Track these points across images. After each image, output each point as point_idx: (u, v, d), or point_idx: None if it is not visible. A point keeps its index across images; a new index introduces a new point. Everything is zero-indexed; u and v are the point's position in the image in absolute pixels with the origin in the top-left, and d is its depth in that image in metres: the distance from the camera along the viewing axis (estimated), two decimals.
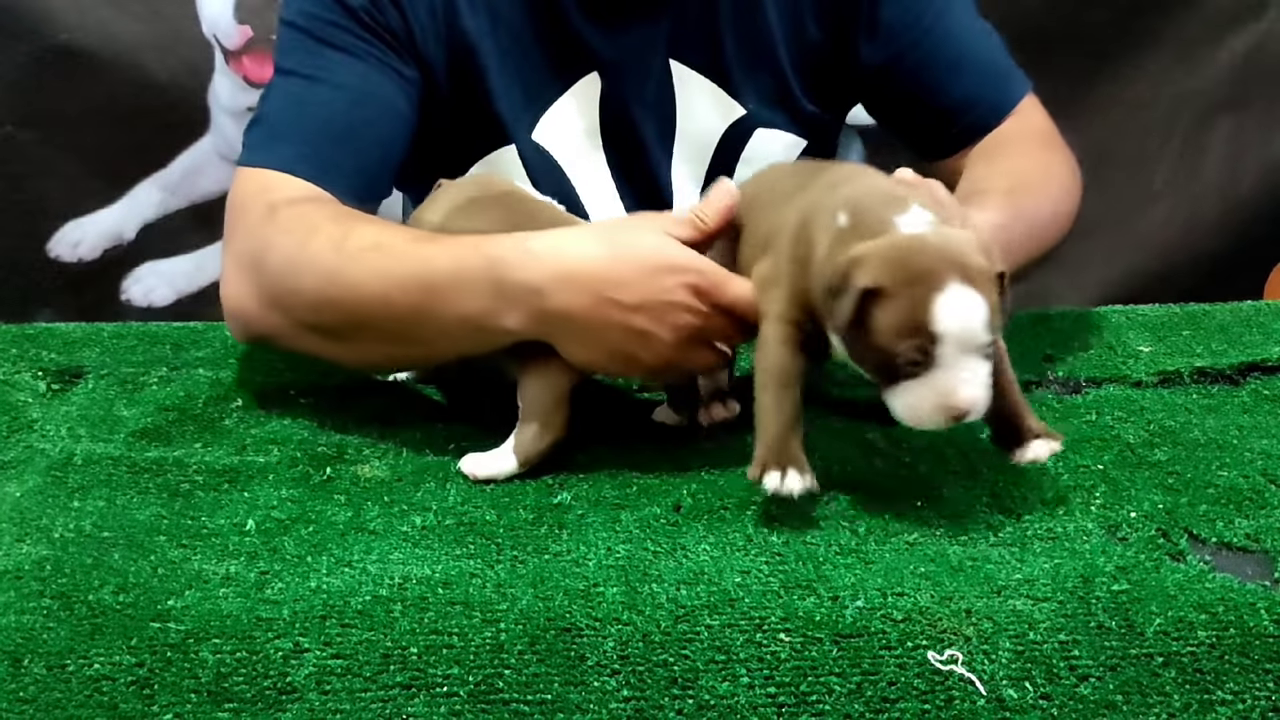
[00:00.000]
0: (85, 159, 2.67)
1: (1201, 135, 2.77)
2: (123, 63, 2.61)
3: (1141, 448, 1.30)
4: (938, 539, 1.13)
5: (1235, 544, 1.13)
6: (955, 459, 1.28)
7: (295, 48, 1.50)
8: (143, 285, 2.76)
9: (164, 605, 1.03)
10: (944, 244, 1.07)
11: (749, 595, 1.04)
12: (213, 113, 2.68)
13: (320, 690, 0.93)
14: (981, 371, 1.07)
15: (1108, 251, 2.79)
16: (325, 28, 1.49)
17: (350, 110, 1.46)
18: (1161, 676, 0.95)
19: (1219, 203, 2.79)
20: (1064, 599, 1.03)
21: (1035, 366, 1.49)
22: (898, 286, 1.05)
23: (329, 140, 1.44)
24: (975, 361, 1.07)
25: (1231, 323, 1.61)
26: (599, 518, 1.16)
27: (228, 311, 1.40)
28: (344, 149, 1.44)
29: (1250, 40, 2.73)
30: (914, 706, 0.92)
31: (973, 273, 1.05)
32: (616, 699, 0.93)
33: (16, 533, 1.15)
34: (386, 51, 1.49)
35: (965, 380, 1.06)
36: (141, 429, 1.36)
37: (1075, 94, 2.72)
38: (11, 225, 2.67)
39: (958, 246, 1.07)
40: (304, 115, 1.46)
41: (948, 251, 1.06)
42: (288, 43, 1.51)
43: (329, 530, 1.15)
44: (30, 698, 0.93)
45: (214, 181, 2.72)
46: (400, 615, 1.01)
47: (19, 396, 1.43)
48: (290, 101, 1.48)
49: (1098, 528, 1.15)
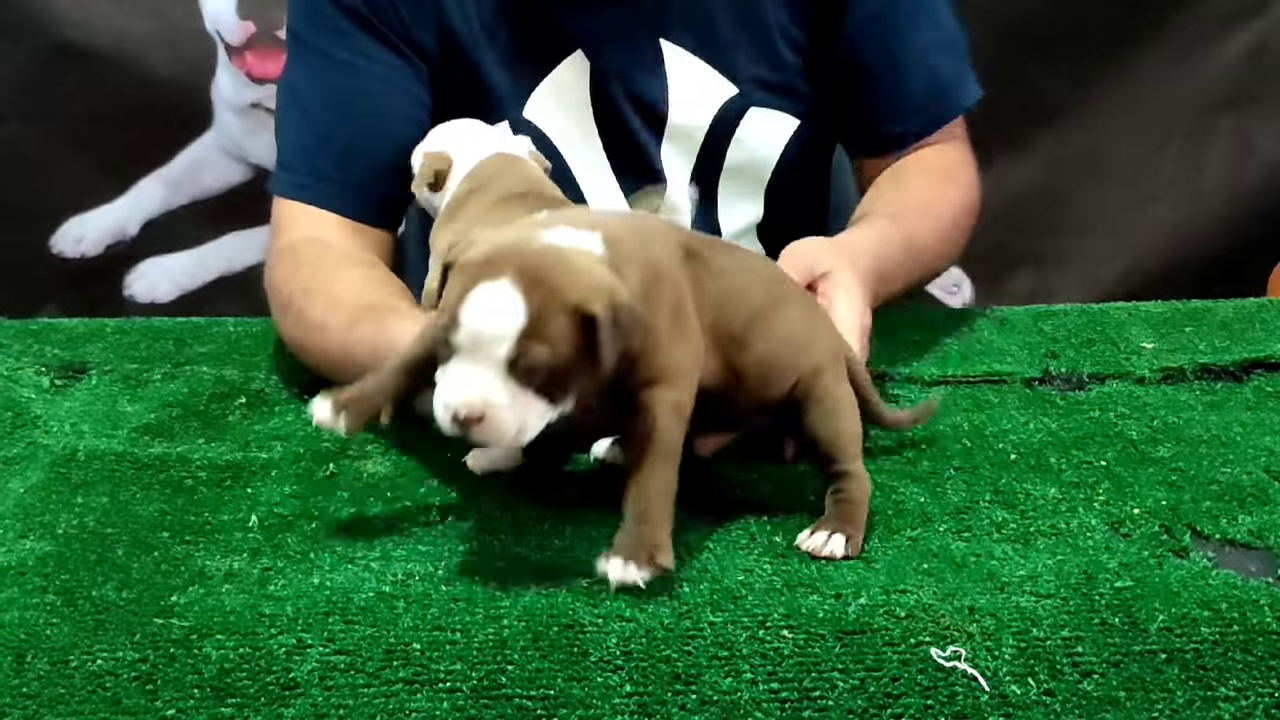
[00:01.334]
0: (89, 155, 2.67)
1: (1204, 132, 2.77)
2: (126, 59, 2.61)
3: (1144, 444, 1.30)
4: (940, 536, 1.13)
5: (1238, 540, 1.13)
6: (958, 455, 1.28)
7: (298, 62, 1.57)
8: (146, 281, 2.76)
9: (167, 601, 1.03)
10: (541, 256, 1.00)
11: (752, 593, 1.04)
12: (215, 108, 2.68)
13: (323, 686, 0.93)
14: (487, 383, 0.98)
15: (1111, 248, 2.79)
16: (326, 35, 1.54)
17: (353, 123, 1.53)
18: (1165, 673, 0.95)
19: (1221, 200, 2.79)
20: (1067, 595, 1.03)
21: (1038, 363, 1.49)
22: (466, 268, 1.00)
23: (330, 160, 1.52)
24: (486, 368, 0.98)
25: (1234, 319, 1.61)
26: (601, 515, 1.16)
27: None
28: (348, 164, 1.52)
29: (1252, 38, 2.72)
30: (917, 703, 0.92)
31: (538, 288, 0.97)
32: (619, 694, 0.93)
33: (20, 529, 1.15)
34: (385, 48, 1.53)
35: (461, 381, 0.98)
36: (145, 425, 1.36)
37: (1077, 92, 2.72)
38: (15, 221, 2.67)
39: (557, 268, 0.99)
40: (309, 135, 1.54)
41: (534, 262, 0.99)
42: (291, 53, 1.58)
43: (332, 526, 1.15)
44: (33, 693, 0.93)
45: (217, 177, 2.72)
46: (403, 611, 1.01)
47: (22, 392, 1.43)
48: (293, 121, 1.57)
49: (1101, 524, 1.15)
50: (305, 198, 1.52)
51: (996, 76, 2.57)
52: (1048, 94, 2.72)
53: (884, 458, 1.27)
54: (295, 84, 1.57)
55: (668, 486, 1.04)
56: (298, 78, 1.57)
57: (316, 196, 1.52)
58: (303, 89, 1.56)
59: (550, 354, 0.97)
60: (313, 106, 1.55)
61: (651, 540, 1.02)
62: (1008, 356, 1.51)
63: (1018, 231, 2.74)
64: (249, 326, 1.62)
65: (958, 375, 1.46)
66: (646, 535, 1.02)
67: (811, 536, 1.10)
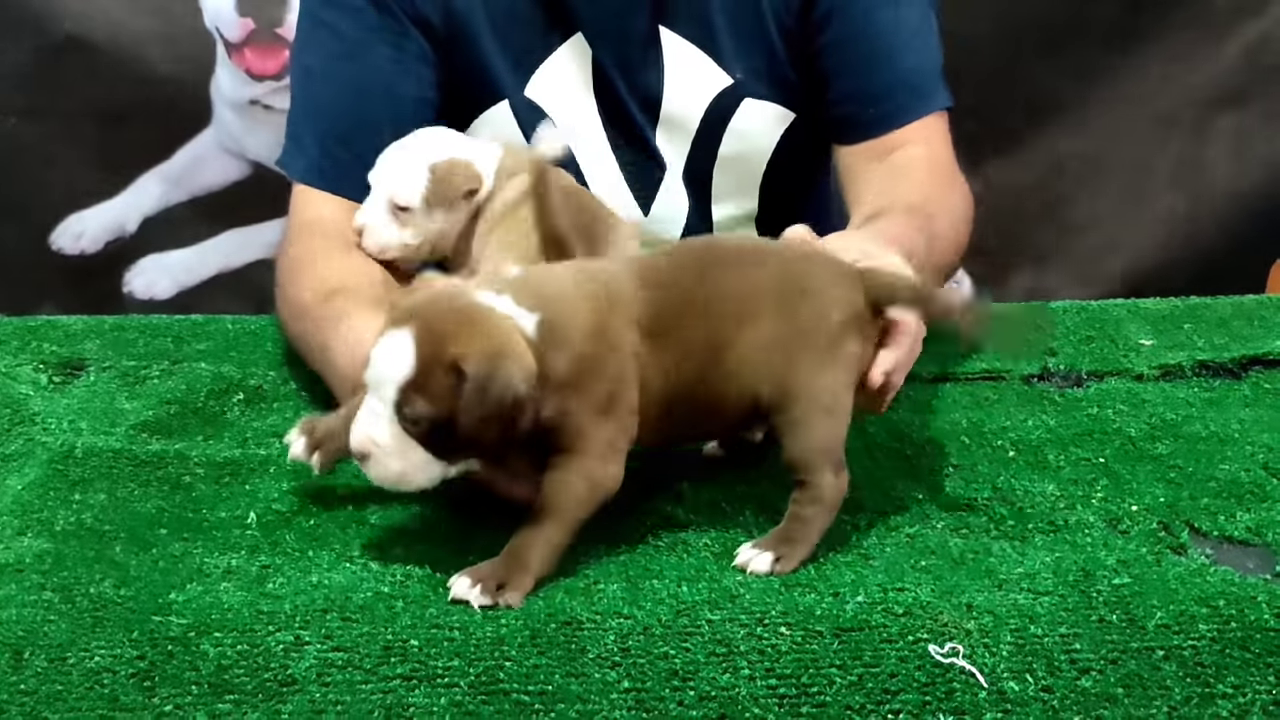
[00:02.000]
0: (88, 151, 2.67)
1: (1204, 130, 2.77)
2: (125, 55, 2.61)
3: (1143, 441, 1.30)
4: (939, 533, 1.13)
5: (1236, 537, 1.13)
6: (957, 452, 1.28)
7: (309, 39, 1.58)
8: (145, 278, 2.75)
9: (165, 599, 1.03)
10: (454, 314, 1.05)
11: (750, 591, 1.04)
12: (215, 105, 2.67)
13: (321, 682, 0.93)
14: (377, 424, 1.04)
15: (1110, 245, 2.79)
16: (336, 12, 1.54)
17: (362, 104, 1.52)
18: (1162, 670, 0.95)
19: (1221, 197, 2.79)
20: (1065, 592, 1.03)
21: (1037, 360, 1.49)
22: (392, 310, 1.07)
23: (338, 140, 1.52)
24: (381, 410, 1.04)
25: (1233, 316, 1.61)
26: (600, 514, 1.16)
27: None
28: (355, 146, 1.50)
29: (1253, 36, 2.72)
30: (915, 699, 0.92)
31: (429, 343, 1.02)
32: (617, 690, 0.93)
33: (18, 526, 1.15)
34: (394, 26, 1.53)
35: (362, 416, 1.05)
36: (143, 422, 1.36)
37: (1079, 89, 2.72)
38: (14, 217, 2.67)
39: (461, 328, 1.03)
40: (318, 115, 1.55)
41: (442, 319, 1.04)
42: (303, 29, 1.59)
43: (330, 524, 1.15)
44: (31, 690, 0.93)
45: (216, 174, 2.72)
46: (401, 610, 1.01)
47: (20, 389, 1.43)
48: (305, 99, 1.57)
49: (1099, 521, 1.15)
50: (313, 181, 1.53)
51: (997, 74, 2.59)
52: (1048, 92, 2.71)
53: (883, 455, 1.27)
54: (307, 62, 1.58)
55: (554, 543, 1.06)
56: (309, 56, 1.58)
57: (324, 180, 1.52)
58: (314, 69, 1.57)
59: (430, 407, 1.02)
60: (323, 88, 1.56)
61: (508, 577, 1.04)
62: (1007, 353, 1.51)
63: (1017, 228, 2.74)
64: (248, 324, 1.62)
65: (957, 372, 1.46)
66: (506, 572, 1.04)
67: (746, 552, 1.09)
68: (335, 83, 1.54)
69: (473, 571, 1.04)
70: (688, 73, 1.58)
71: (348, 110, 1.53)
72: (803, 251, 1.17)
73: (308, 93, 1.58)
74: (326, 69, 1.55)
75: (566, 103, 1.59)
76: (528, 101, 1.58)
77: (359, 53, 1.53)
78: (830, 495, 1.10)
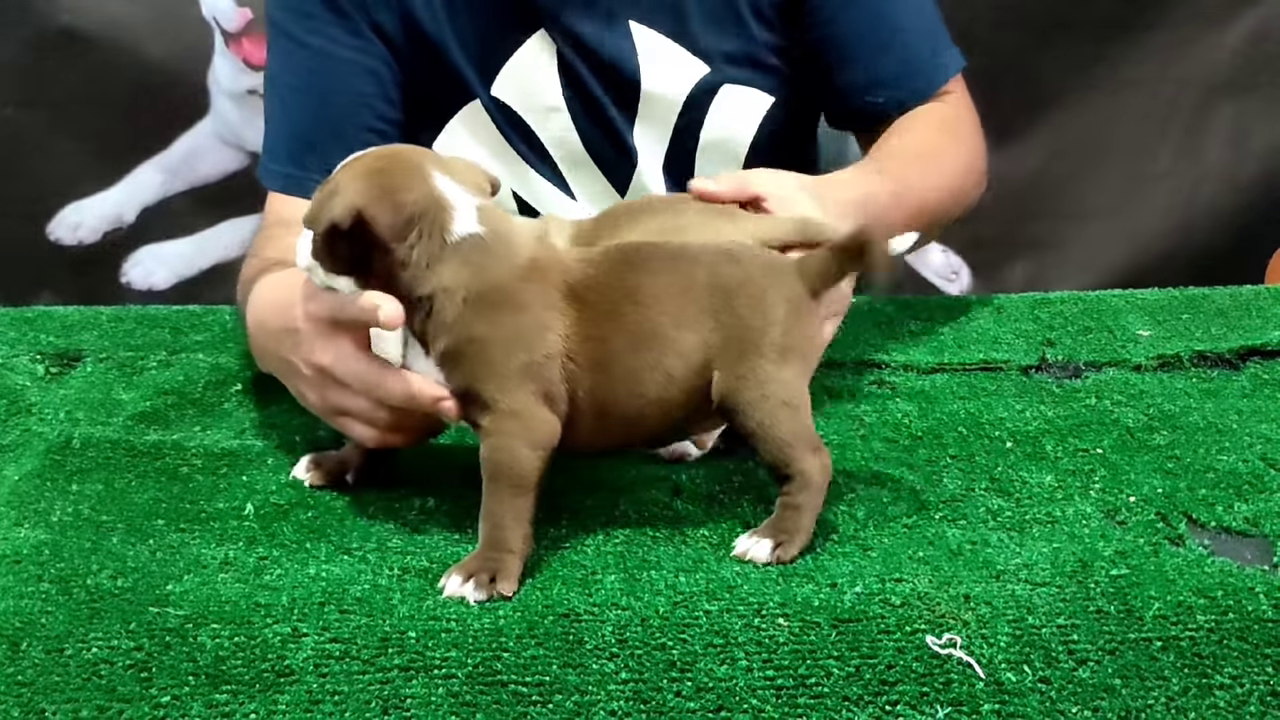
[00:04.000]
0: (85, 141, 2.67)
1: (1203, 119, 2.77)
2: (123, 45, 2.61)
3: (1141, 432, 1.30)
4: (936, 524, 1.13)
5: (1234, 528, 1.13)
6: (954, 443, 1.28)
7: (275, 49, 1.59)
8: (142, 268, 2.76)
9: (162, 590, 1.03)
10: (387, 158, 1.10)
11: (747, 582, 1.04)
12: (212, 95, 2.68)
13: (318, 673, 0.93)
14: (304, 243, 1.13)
15: (1108, 235, 2.79)
16: (298, 21, 1.55)
17: (327, 111, 1.54)
18: (1160, 660, 0.95)
19: (1220, 187, 2.79)
20: (1063, 583, 1.04)
21: (1035, 350, 1.49)
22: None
23: (306, 148, 1.53)
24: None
25: (1231, 307, 1.61)
26: (597, 503, 1.16)
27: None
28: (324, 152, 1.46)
29: (1252, 24, 2.72)
30: (912, 690, 0.92)
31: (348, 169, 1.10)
32: (615, 681, 0.93)
33: (15, 516, 1.15)
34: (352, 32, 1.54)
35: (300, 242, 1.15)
36: (140, 413, 1.36)
37: (1078, 78, 2.72)
38: (11, 207, 2.67)
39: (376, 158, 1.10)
40: (287, 123, 1.57)
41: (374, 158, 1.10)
42: (270, 40, 1.60)
43: (327, 516, 1.15)
44: (28, 681, 0.93)
45: (213, 164, 2.72)
46: (399, 602, 1.01)
47: (17, 380, 1.43)
48: (275, 110, 1.58)
49: (1097, 512, 1.15)
50: (282, 187, 1.54)
51: (997, 63, 2.59)
52: (1047, 81, 2.71)
53: (880, 445, 1.27)
54: (274, 72, 1.59)
55: (516, 512, 1.05)
56: (276, 66, 1.59)
57: (292, 185, 1.52)
58: (280, 77, 1.58)
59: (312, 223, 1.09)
60: (290, 95, 1.56)
61: (496, 565, 1.03)
62: (1004, 344, 1.51)
63: (1016, 218, 2.74)
64: None
65: (954, 363, 1.46)
66: (493, 560, 1.04)
67: (743, 541, 1.09)
68: (300, 91, 1.55)
69: (460, 568, 1.04)
70: (664, 66, 1.57)
71: (314, 118, 1.54)
72: (729, 252, 1.12)
73: (274, 102, 1.58)
74: (291, 79, 1.56)
75: (534, 102, 1.58)
76: (496, 100, 1.58)
77: (321, 60, 1.54)
78: (817, 476, 1.09)
